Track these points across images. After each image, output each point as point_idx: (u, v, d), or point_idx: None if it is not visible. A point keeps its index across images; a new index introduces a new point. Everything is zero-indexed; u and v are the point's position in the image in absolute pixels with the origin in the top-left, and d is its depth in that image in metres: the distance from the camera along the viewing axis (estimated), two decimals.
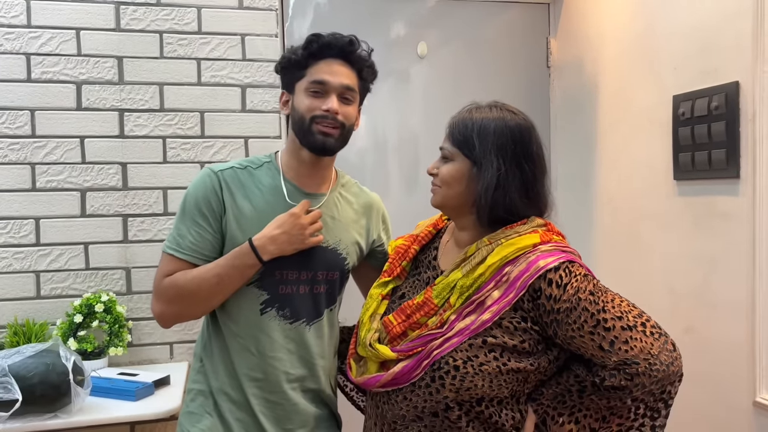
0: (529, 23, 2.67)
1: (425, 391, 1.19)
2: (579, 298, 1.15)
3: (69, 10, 2.14)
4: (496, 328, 1.16)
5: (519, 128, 1.24)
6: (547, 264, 1.16)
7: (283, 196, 1.46)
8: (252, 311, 1.45)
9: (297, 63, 1.45)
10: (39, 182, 2.14)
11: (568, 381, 1.20)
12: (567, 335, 1.15)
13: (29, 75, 2.12)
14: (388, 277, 1.39)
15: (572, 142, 2.57)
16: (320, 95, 1.43)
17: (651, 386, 1.15)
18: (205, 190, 1.44)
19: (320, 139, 1.42)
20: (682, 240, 1.96)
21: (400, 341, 1.25)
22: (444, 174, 1.27)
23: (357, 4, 2.51)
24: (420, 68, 2.58)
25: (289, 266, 1.45)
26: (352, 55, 1.45)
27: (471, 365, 1.15)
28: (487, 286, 1.19)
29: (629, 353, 1.13)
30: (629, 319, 1.15)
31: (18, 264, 2.13)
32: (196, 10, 2.25)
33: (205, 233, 1.43)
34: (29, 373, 1.69)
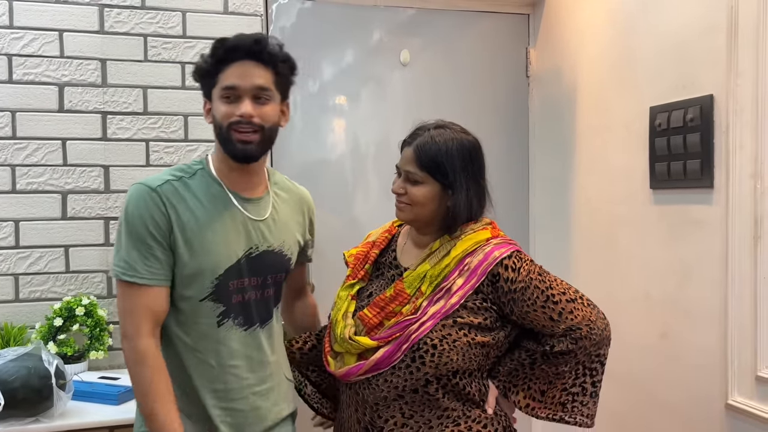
0: (509, 33, 2.72)
1: (406, 371, 1.35)
2: (531, 278, 1.37)
3: (52, 12, 2.13)
4: (462, 310, 1.36)
5: (474, 147, 1.43)
6: (502, 254, 1.38)
7: (226, 204, 1.43)
8: (209, 325, 1.43)
9: (208, 71, 1.42)
10: (19, 184, 2.12)
11: (520, 356, 1.42)
12: (522, 311, 1.37)
13: (11, 76, 2.10)
14: (353, 280, 1.52)
15: (551, 150, 2.63)
16: (233, 100, 1.39)
17: (590, 348, 1.38)
18: (148, 209, 1.38)
19: (240, 148, 1.40)
20: (658, 247, 2.01)
21: (377, 331, 1.39)
22: (417, 196, 1.40)
23: (340, 11, 2.53)
24: (402, 75, 2.61)
25: (241, 275, 1.45)
26: (261, 54, 1.40)
27: (446, 342, 1.33)
28: (452, 275, 1.38)
29: (574, 321, 1.36)
30: (570, 293, 1.39)
31: None
32: (181, 14, 2.25)
33: (158, 253, 1.38)
34: (11, 377, 1.67)
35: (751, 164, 1.68)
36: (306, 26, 2.49)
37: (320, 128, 2.54)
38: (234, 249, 1.43)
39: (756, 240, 1.67)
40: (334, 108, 2.56)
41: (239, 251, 1.44)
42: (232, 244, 1.43)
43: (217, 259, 1.41)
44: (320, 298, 2.49)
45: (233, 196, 1.45)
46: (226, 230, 1.43)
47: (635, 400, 2.10)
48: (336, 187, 2.56)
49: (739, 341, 1.72)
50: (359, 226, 2.58)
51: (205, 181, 1.44)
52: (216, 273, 1.41)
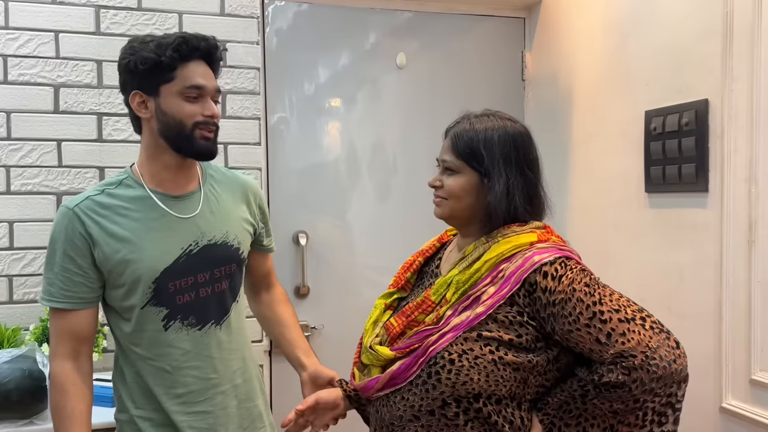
0: (504, 37, 2.73)
1: (422, 389, 1.19)
2: (574, 288, 1.14)
3: (48, 12, 2.12)
4: (491, 323, 1.17)
5: (520, 136, 1.27)
6: (543, 259, 1.17)
7: (152, 206, 1.42)
8: (156, 330, 1.42)
9: (164, 65, 1.37)
10: (14, 185, 2.11)
11: (572, 386, 1.17)
12: (564, 329, 1.14)
13: (6, 77, 2.09)
14: (393, 289, 1.40)
15: (546, 153, 2.60)
16: (197, 100, 1.39)
17: (651, 384, 1.10)
18: (65, 231, 1.38)
19: (205, 145, 1.41)
20: (653, 251, 2.02)
21: (399, 341, 1.26)
22: (452, 187, 1.26)
23: (336, 13, 2.53)
24: (398, 78, 2.61)
25: (180, 275, 1.43)
26: (213, 57, 1.43)
27: (466, 358, 1.15)
28: (483, 282, 1.20)
29: (626, 345, 1.10)
30: (627, 312, 1.13)
31: None
32: (178, 16, 2.25)
33: (74, 276, 1.38)
34: (4, 378, 1.68)
35: (745, 168, 1.69)
36: (302, 28, 2.50)
37: (316, 131, 2.54)
38: (168, 250, 1.42)
39: (750, 244, 1.68)
40: (330, 111, 2.56)
41: (175, 251, 1.43)
42: (165, 245, 1.42)
43: (150, 264, 1.40)
44: (315, 301, 2.50)
45: (159, 197, 1.43)
46: (156, 233, 1.41)
47: None
48: (331, 189, 2.56)
49: (733, 344, 1.73)
50: (354, 228, 2.58)
51: (129, 188, 1.44)
52: (152, 277, 1.40)
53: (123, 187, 1.44)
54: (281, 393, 2.39)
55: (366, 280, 2.54)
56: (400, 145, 2.62)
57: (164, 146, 1.41)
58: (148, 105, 1.40)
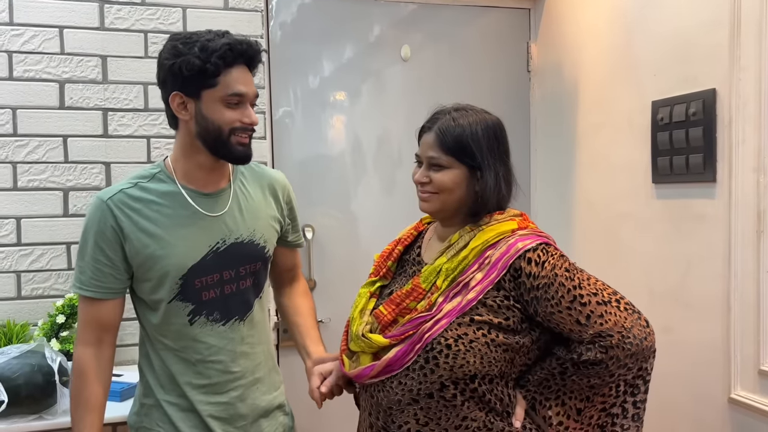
0: (510, 28, 2.72)
1: (419, 373, 1.24)
2: (556, 274, 1.22)
3: (52, 8, 2.12)
4: (481, 307, 1.23)
5: (498, 127, 1.34)
6: (526, 245, 1.25)
7: (182, 203, 1.44)
8: (181, 324, 1.46)
9: (209, 72, 1.36)
10: (20, 181, 2.11)
11: (551, 365, 1.26)
12: (546, 311, 1.22)
13: (11, 73, 2.10)
14: (375, 277, 1.45)
15: (552, 144, 2.62)
16: (237, 106, 1.40)
17: (626, 360, 1.21)
18: (98, 222, 1.41)
19: (241, 150, 1.42)
20: (660, 241, 2.01)
21: (391, 329, 1.30)
22: (444, 182, 1.30)
23: (340, 6, 2.52)
24: (403, 71, 2.60)
25: (207, 272, 1.45)
26: (254, 62, 1.43)
27: (462, 342, 1.21)
28: (471, 269, 1.27)
29: (604, 326, 1.20)
30: (604, 295, 1.23)
31: (1, 264, 2.10)
32: (182, 10, 2.24)
33: (104, 267, 1.41)
34: (14, 374, 1.68)
35: (754, 158, 1.68)
36: (306, 21, 2.49)
37: (321, 124, 2.54)
38: (196, 247, 1.44)
39: (759, 234, 1.67)
40: (335, 104, 2.55)
41: (203, 248, 1.45)
42: (194, 242, 1.44)
43: (178, 260, 1.42)
44: (322, 294, 2.50)
45: (190, 194, 1.45)
46: (186, 230, 1.43)
47: None
48: (336, 183, 2.56)
49: (741, 335, 1.72)
50: (359, 221, 2.58)
51: (161, 183, 1.45)
52: (179, 273, 1.43)
53: (155, 182, 1.45)
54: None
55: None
56: (405, 137, 2.61)
57: (200, 147, 1.42)
58: (188, 107, 1.39)
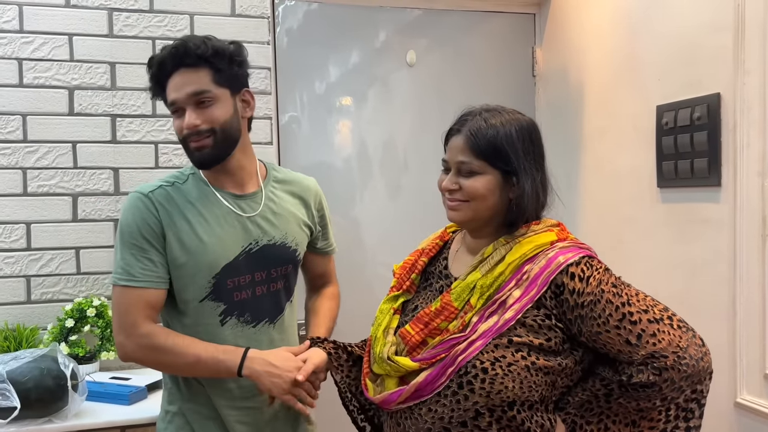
0: (515, 33, 2.73)
1: (452, 400, 1.14)
2: (602, 290, 1.13)
3: (62, 16, 2.15)
4: (520, 327, 1.13)
5: (533, 128, 1.23)
6: (568, 259, 1.15)
7: (216, 203, 1.45)
8: (212, 324, 1.44)
9: (156, 93, 1.43)
10: (30, 187, 2.14)
11: (594, 386, 1.16)
12: (592, 331, 1.12)
13: (21, 80, 2.12)
14: (397, 291, 1.34)
15: (557, 149, 2.63)
16: (179, 114, 1.40)
17: (680, 382, 1.11)
18: (141, 214, 1.40)
19: (197, 156, 1.41)
20: (665, 246, 2.01)
21: (419, 351, 1.19)
22: (477, 188, 1.19)
23: (346, 12, 2.54)
24: (408, 76, 2.62)
25: (240, 272, 1.45)
26: (187, 59, 1.37)
27: (500, 366, 1.11)
28: (508, 285, 1.16)
29: (657, 346, 1.09)
30: (655, 312, 1.13)
31: (8, 269, 2.13)
32: (189, 17, 2.27)
33: (153, 256, 1.40)
34: (24, 377, 1.69)
35: (758, 162, 1.68)
36: (312, 27, 2.51)
37: (327, 129, 2.55)
38: (230, 247, 1.44)
39: (764, 238, 1.67)
40: (341, 109, 2.57)
41: (236, 248, 1.45)
42: (227, 242, 1.44)
43: (212, 258, 1.42)
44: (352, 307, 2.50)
45: (224, 195, 1.46)
46: (220, 229, 1.44)
47: None
48: (343, 188, 2.57)
49: (747, 339, 1.72)
50: (366, 226, 2.59)
51: (196, 185, 1.46)
52: (212, 272, 1.42)
53: (191, 183, 1.47)
54: None
55: (377, 277, 2.55)
56: (410, 142, 2.62)
57: None
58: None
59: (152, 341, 1.38)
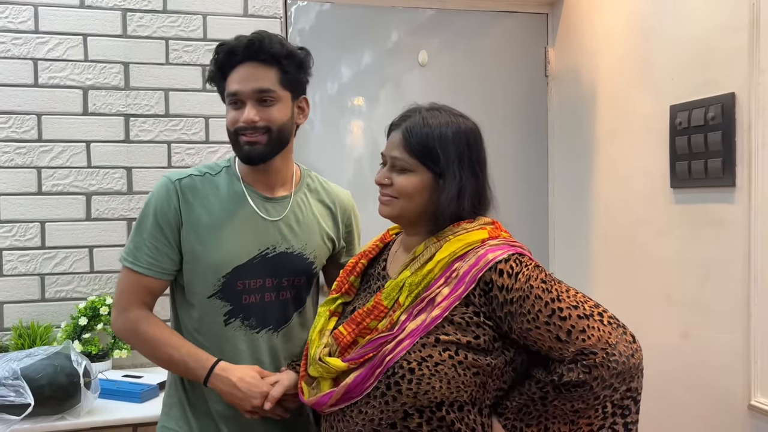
0: (527, 33, 2.72)
1: (381, 401, 1.12)
2: (531, 285, 1.11)
3: (76, 16, 2.17)
4: (447, 325, 1.12)
5: (473, 134, 1.23)
6: (497, 256, 1.13)
7: (242, 202, 1.43)
8: (216, 322, 1.42)
9: (214, 77, 1.42)
10: (45, 186, 2.16)
11: (530, 389, 1.14)
12: (522, 327, 1.11)
13: (36, 80, 2.15)
14: (336, 294, 1.33)
15: (570, 149, 2.62)
16: (238, 106, 1.38)
17: (611, 380, 1.08)
18: (162, 201, 1.40)
19: (246, 150, 1.38)
20: (679, 247, 2.00)
21: (350, 351, 1.17)
22: (405, 186, 1.20)
23: (358, 12, 2.55)
24: (420, 76, 2.62)
25: (251, 275, 1.42)
26: (259, 54, 1.36)
27: (426, 366, 1.10)
28: (437, 283, 1.15)
29: (586, 342, 1.08)
30: (585, 308, 1.11)
31: (23, 267, 2.15)
32: (202, 18, 2.28)
33: (162, 246, 1.39)
34: (37, 374, 1.71)
35: None
36: (325, 28, 2.51)
37: (339, 130, 2.56)
38: (246, 248, 1.41)
39: None
40: (353, 109, 2.57)
41: (252, 251, 1.42)
42: (245, 242, 1.41)
43: (225, 257, 1.40)
44: None
45: (252, 194, 1.44)
46: (240, 228, 1.41)
47: (655, 401, 2.08)
48: (355, 189, 2.56)
49: (761, 341, 1.71)
50: (378, 227, 2.58)
51: (228, 179, 1.45)
52: (224, 271, 1.40)
53: (223, 176, 1.45)
54: None
55: None
56: None
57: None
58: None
59: (136, 327, 1.40)
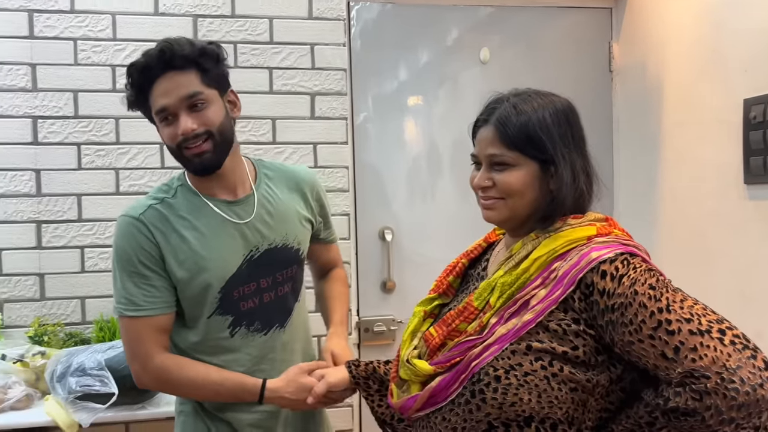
0: (590, 28, 2.68)
1: (464, 409, 1.03)
2: (635, 291, 0.95)
3: (151, 23, 2.26)
4: (542, 332, 1.00)
5: (570, 110, 1.12)
6: (601, 255, 0.99)
7: (210, 214, 1.39)
8: (223, 338, 1.41)
9: (137, 102, 1.36)
10: (122, 186, 2.26)
11: (638, 413, 0.98)
12: (624, 340, 0.96)
13: (114, 85, 2.25)
14: (433, 294, 1.25)
15: (636, 142, 2.57)
16: (170, 121, 1.33)
17: (731, 413, 0.89)
18: (135, 240, 1.34)
19: (197, 162, 1.34)
20: (752, 243, 1.94)
21: (439, 354, 1.09)
22: (511, 184, 1.07)
23: (418, 12, 2.56)
24: (482, 73, 2.61)
25: (244, 281, 1.40)
26: (175, 61, 1.30)
27: (514, 375, 0.99)
28: (533, 284, 1.03)
29: (696, 363, 0.90)
30: (702, 322, 0.93)
31: (103, 263, 2.25)
32: (268, 21, 2.34)
33: (155, 281, 1.35)
34: (120, 366, 1.80)
35: None
36: (386, 28, 2.54)
37: (399, 128, 2.58)
38: (231, 257, 1.40)
39: None
40: (413, 108, 2.59)
41: (238, 258, 1.40)
42: (228, 253, 1.39)
43: (215, 273, 1.37)
44: (401, 295, 2.54)
45: (216, 203, 1.40)
46: (219, 241, 1.39)
47: None
48: (415, 186, 2.60)
49: None
50: (438, 224, 2.60)
51: (186, 197, 1.40)
52: (218, 286, 1.38)
53: (180, 197, 1.41)
54: None
55: None
56: None
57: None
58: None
59: (167, 376, 1.36)
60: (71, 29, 2.21)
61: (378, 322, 2.50)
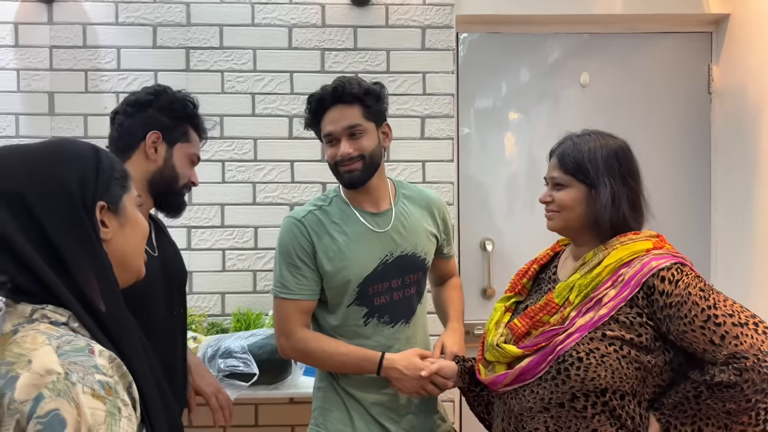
0: (690, 51, 2.77)
1: (551, 383, 1.31)
2: (689, 292, 1.25)
3: (286, 57, 2.59)
4: (613, 323, 1.28)
5: (621, 149, 1.41)
6: (660, 264, 1.29)
7: (356, 222, 1.67)
8: (357, 325, 1.68)
9: (311, 124, 1.69)
10: (258, 197, 2.60)
11: (685, 388, 1.27)
12: (679, 329, 1.25)
13: (253, 110, 2.59)
14: (510, 293, 1.55)
15: (734, 165, 2.63)
16: (333, 144, 1.64)
17: (763, 385, 1.20)
18: (295, 238, 1.65)
19: (347, 177, 1.63)
20: None
21: (524, 340, 1.38)
22: (563, 200, 1.40)
23: (521, 39, 2.75)
24: (582, 95, 2.77)
25: (378, 280, 1.67)
26: (344, 97, 1.61)
27: (593, 356, 1.27)
28: (604, 285, 1.32)
29: (738, 347, 1.20)
30: (741, 317, 1.24)
31: (240, 264, 2.60)
32: (386, 53, 2.61)
33: (306, 272, 1.65)
34: (260, 350, 2.10)
35: None
36: (490, 55, 2.75)
37: (500, 146, 2.78)
38: (370, 259, 1.67)
39: None
40: (514, 127, 2.78)
41: (375, 260, 1.67)
42: (368, 255, 1.67)
43: (355, 272, 1.65)
44: None
45: (362, 213, 1.69)
46: (361, 245, 1.67)
47: None
48: (515, 200, 2.77)
49: None
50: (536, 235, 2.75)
51: (339, 206, 1.71)
52: (357, 282, 1.65)
53: (334, 205, 1.71)
54: None
55: None
56: None
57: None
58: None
59: (305, 346, 1.66)
60: (219, 63, 2.58)
61: (478, 326, 2.69)
